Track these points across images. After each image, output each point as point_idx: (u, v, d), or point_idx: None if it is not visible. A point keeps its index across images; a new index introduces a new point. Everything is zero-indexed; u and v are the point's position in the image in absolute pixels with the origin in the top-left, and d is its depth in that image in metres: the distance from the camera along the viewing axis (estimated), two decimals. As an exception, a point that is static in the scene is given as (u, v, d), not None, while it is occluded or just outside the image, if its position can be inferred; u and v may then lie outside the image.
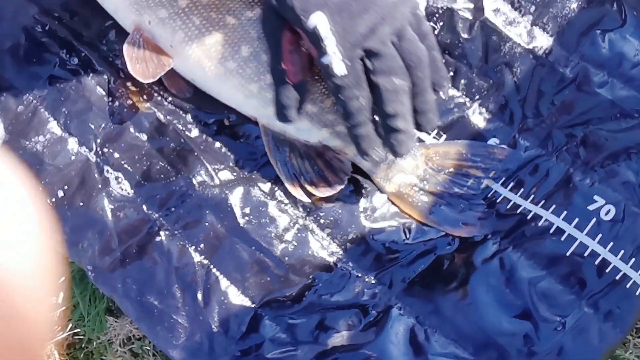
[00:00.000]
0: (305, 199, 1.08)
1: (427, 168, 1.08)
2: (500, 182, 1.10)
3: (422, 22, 0.97)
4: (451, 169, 1.08)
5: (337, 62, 0.90)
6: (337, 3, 0.90)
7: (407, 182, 1.08)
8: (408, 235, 1.07)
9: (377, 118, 0.98)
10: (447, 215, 1.07)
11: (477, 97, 1.12)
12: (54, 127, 1.10)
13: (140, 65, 1.05)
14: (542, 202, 1.08)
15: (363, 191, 1.10)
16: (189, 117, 1.12)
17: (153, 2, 1.06)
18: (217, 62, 1.06)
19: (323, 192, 1.08)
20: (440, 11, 1.11)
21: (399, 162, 1.08)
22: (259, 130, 1.10)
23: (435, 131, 1.11)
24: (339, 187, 1.08)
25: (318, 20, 0.89)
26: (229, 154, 1.11)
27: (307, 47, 0.96)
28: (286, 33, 0.95)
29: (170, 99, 1.12)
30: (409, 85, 0.95)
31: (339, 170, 1.08)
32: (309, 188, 1.07)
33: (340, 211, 1.09)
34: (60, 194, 1.07)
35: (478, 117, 1.12)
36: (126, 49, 1.05)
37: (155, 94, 1.12)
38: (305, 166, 1.08)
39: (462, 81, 1.12)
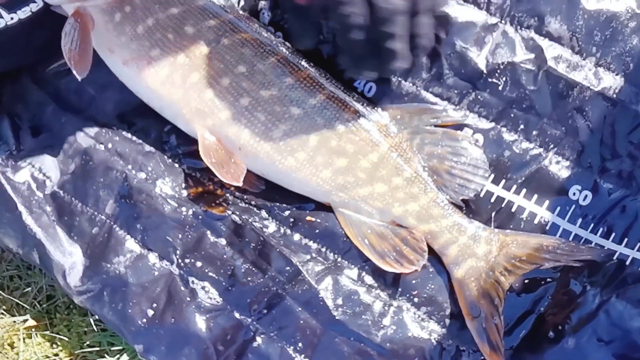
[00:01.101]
0: (398, 271, 1.05)
1: (500, 255, 1.04)
2: (589, 229, 1.07)
3: None
4: (524, 258, 1.04)
5: None
6: None
7: (476, 268, 1.04)
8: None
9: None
10: (482, 331, 1.03)
11: (552, 146, 1.09)
12: (131, 245, 1.09)
13: (225, 168, 1.05)
14: (639, 244, 1.05)
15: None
16: (263, 213, 1.10)
17: (214, 105, 1.06)
18: (287, 154, 1.05)
19: (408, 268, 1.06)
20: (502, 67, 1.09)
21: (472, 245, 1.05)
22: (335, 217, 1.08)
23: (515, 187, 1.09)
24: (421, 262, 1.06)
25: None
26: (310, 244, 1.09)
27: None
28: None
29: (245, 197, 1.11)
30: (407, 5, 0.94)
31: (415, 246, 1.06)
32: (395, 266, 1.06)
33: (432, 286, 1.06)
34: (150, 312, 1.06)
35: (556, 167, 1.09)
36: (203, 156, 1.04)
37: (228, 195, 1.11)
38: (384, 246, 1.06)
39: (534, 132, 1.09)
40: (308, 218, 1.09)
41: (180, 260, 1.08)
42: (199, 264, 1.08)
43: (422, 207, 1.06)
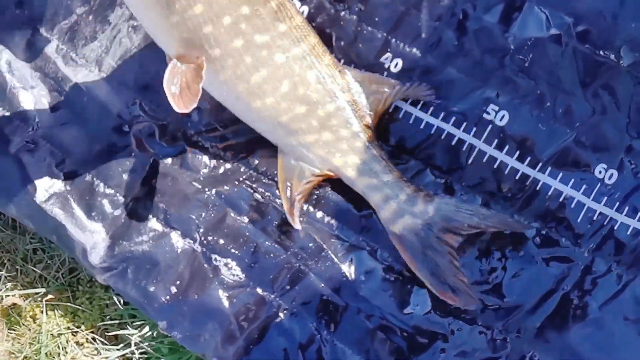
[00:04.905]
0: (297, 226, 1.07)
1: (436, 215, 1.04)
2: (615, 208, 1.06)
3: None
4: (459, 220, 1.04)
5: None
6: None
7: (412, 224, 1.05)
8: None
9: None
10: (433, 274, 1.03)
11: (578, 124, 1.07)
12: (154, 224, 1.10)
13: (182, 98, 1.01)
14: (664, 223, 1.04)
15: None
16: (286, 190, 1.10)
17: (208, 41, 1.03)
18: (257, 97, 1.05)
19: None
20: (529, 43, 1.07)
21: (410, 203, 1.05)
22: (356, 196, 1.08)
23: (540, 164, 1.08)
24: None
25: None
26: (332, 221, 1.09)
27: None
28: None
29: (268, 174, 1.11)
30: None
31: None
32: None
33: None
34: (174, 289, 1.07)
35: (582, 145, 1.07)
36: (166, 82, 1.01)
37: (250, 171, 1.11)
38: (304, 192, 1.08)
39: (560, 110, 1.08)
40: None
41: (202, 238, 1.08)
42: (221, 241, 1.08)
43: (363, 161, 1.07)
